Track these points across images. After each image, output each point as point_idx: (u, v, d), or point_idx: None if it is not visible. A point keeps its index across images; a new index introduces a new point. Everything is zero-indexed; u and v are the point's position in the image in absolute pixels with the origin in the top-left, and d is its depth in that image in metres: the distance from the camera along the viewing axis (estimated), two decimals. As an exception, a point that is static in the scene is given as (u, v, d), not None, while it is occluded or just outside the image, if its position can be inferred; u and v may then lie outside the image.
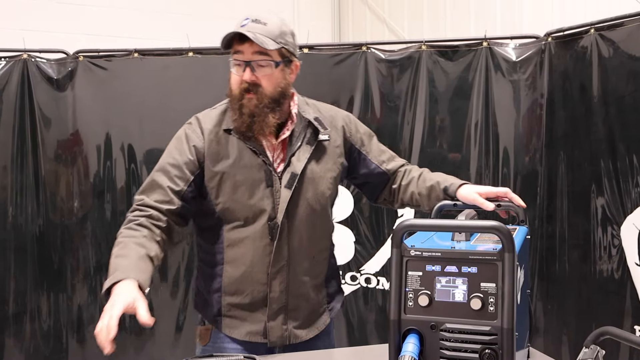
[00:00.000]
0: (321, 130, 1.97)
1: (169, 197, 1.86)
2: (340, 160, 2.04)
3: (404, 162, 2.17)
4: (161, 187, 1.87)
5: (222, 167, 1.90)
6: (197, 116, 1.99)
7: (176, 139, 1.96)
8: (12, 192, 3.47)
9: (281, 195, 1.91)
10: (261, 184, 1.90)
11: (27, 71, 3.46)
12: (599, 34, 2.82)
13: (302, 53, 3.42)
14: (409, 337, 1.39)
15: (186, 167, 1.89)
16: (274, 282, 1.93)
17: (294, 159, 1.93)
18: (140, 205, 1.86)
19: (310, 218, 1.96)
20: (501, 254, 1.35)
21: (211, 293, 2.00)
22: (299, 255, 1.96)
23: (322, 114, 2.04)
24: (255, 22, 1.85)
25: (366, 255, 3.47)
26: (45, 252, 3.52)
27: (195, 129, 1.94)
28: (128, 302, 1.56)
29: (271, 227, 1.90)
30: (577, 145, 2.98)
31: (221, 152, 1.91)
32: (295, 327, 1.98)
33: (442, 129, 3.33)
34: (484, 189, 1.92)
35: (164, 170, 1.90)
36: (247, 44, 1.83)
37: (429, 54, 3.30)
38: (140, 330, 3.44)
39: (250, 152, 1.90)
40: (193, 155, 1.90)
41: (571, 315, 3.03)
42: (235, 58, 1.87)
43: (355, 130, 2.10)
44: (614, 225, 2.78)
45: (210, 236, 1.98)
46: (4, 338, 3.49)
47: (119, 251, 1.74)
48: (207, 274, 2.02)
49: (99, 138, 3.53)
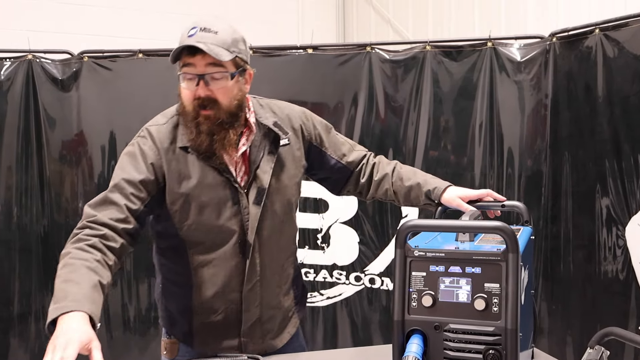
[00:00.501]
0: (282, 136, 1.87)
1: (124, 216, 1.68)
2: (302, 163, 1.96)
3: (365, 152, 2.10)
4: (116, 205, 1.69)
5: (185, 188, 1.77)
6: (149, 130, 1.81)
7: (130, 155, 1.77)
8: (17, 193, 3.48)
9: (250, 212, 1.81)
10: (227, 202, 1.79)
11: (32, 72, 3.48)
12: (604, 34, 2.82)
13: (306, 53, 3.42)
14: (413, 338, 1.39)
15: (143, 186, 1.73)
16: (247, 300, 1.87)
17: (259, 171, 1.83)
18: (92, 223, 1.65)
19: (279, 228, 1.89)
20: (505, 255, 1.35)
21: (180, 312, 1.92)
22: (271, 268, 1.90)
23: (279, 116, 1.92)
24: (205, 31, 1.69)
25: (370, 255, 3.46)
26: (50, 252, 3.52)
27: (151, 145, 1.77)
28: (83, 342, 1.38)
29: (242, 246, 1.82)
30: (581, 145, 2.98)
31: (182, 172, 1.77)
32: (270, 337, 1.95)
33: (446, 130, 3.33)
34: (466, 193, 1.91)
35: (118, 186, 1.71)
36: (199, 55, 1.68)
37: (433, 54, 3.29)
38: (144, 331, 3.44)
39: (212, 170, 1.78)
40: (152, 174, 1.74)
41: (576, 316, 3.03)
42: (186, 71, 1.71)
43: (313, 127, 2.00)
44: (618, 225, 2.77)
45: (173, 256, 1.88)
46: (8, 338, 3.50)
47: (69, 274, 1.53)
48: (173, 293, 1.93)
49: (103, 138, 3.54)
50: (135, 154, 1.77)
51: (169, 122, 1.82)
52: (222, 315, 1.87)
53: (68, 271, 1.54)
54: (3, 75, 3.45)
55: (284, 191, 1.88)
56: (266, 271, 1.88)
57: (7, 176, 3.47)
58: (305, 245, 3.51)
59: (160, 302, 2.01)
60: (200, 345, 1.90)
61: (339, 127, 3.40)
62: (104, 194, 1.71)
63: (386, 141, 3.40)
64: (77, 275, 1.53)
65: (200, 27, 1.70)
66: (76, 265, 1.55)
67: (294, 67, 3.45)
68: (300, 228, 3.49)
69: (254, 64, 1.84)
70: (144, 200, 1.73)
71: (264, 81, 3.36)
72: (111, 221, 1.66)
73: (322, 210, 3.49)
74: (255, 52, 3.41)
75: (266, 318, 1.92)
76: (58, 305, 1.45)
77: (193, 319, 1.89)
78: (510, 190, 3.22)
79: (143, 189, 1.73)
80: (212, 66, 1.70)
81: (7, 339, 3.50)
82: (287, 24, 6.86)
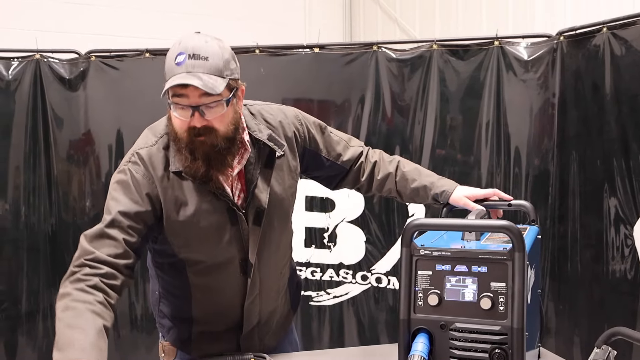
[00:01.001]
0: (277, 151, 1.79)
1: (123, 250, 1.60)
2: (297, 171, 1.91)
3: (362, 149, 2.05)
4: (114, 239, 1.59)
5: (183, 216, 1.69)
6: (140, 155, 1.70)
7: (123, 185, 1.67)
8: (24, 192, 3.49)
9: (250, 233, 1.76)
10: (226, 225, 1.73)
11: (39, 71, 3.49)
12: (612, 32, 2.80)
13: (313, 53, 3.42)
14: (419, 337, 1.39)
15: (140, 218, 1.64)
16: (248, 311, 1.86)
17: (256, 191, 1.76)
18: (91, 261, 1.56)
19: (277, 241, 1.86)
20: (511, 254, 1.35)
21: (179, 321, 1.91)
22: (270, 279, 1.89)
23: (272, 125, 1.84)
24: (195, 59, 1.57)
25: (377, 254, 3.46)
26: (58, 251, 3.54)
27: (145, 173, 1.68)
28: None
29: (243, 265, 1.79)
30: (589, 144, 2.96)
31: (178, 199, 1.69)
32: (268, 338, 1.96)
33: (453, 129, 3.32)
34: (473, 192, 1.90)
35: (115, 221, 1.61)
36: (191, 87, 1.56)
37: (440, 53, 3.29)
38: (151, 330, 3.45)
39: (209, 193, 1.70)
40: (148, 205, 1.65)
41: (583, 316, 3.01)
42: (178, 102, 1.60)
43: (307, 131, 1.93)
44: (626, 225, 2.76)
45: (171, 271, 1.84)
46: (16, 336, 3.51)
47: (73, 320, 1.45)
48: (172, 303, 1.91)
49: (110, 138, 3.55)
50: (129, 183, 1.67)
51: (159, 142, 1.72)
52: (222, 325, 1.87)
53: (71, 315, 1.47)
54: (11, 75, 3.46)
55: (281, 205, 1.84)
56: (266, 283, 1.87)
57: (15, 175, 3.49)
58: (312, 245, 3.51)
59: (156, 309, 1.98)
60: (198, 351, 1.89)
61: (345, 126, 3.40)
62: (101, 228, 1.61)
63: (393, 140, 3.39)
64: (81, 321, 1.45)
65: (189, 54, 1.57)
66: (79, 309, 1.48)
67: (300, 66, 3.44)
68: (306, 227, 3.51)
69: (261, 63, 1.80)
70: (141, 232, 1.65)
71: (270, 80, 3.39)
72: (110, 258, 1.58)
73: (328, 209, 3.48)
74: (261, 51, 3.42)
75: (264, 322, 1.93)
76: (63, 355, 1.39)
77: (192, 328, 1.88)
78: (517, 189, 3.21)
79: (140, 220, 1.64)
80: (206, 96, 1.58)
81: (15, 337, 3.51)
82: (294, 23, 6.86)
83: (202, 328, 1.88)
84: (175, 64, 1.59)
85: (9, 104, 3.46)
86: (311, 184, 2.12)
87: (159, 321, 1.99)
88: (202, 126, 1.61)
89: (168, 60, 1.62)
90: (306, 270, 3.50)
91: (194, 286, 1.81)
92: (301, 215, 3.45)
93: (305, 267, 3.50)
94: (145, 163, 1.69)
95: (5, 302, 3.50)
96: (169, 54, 1.63)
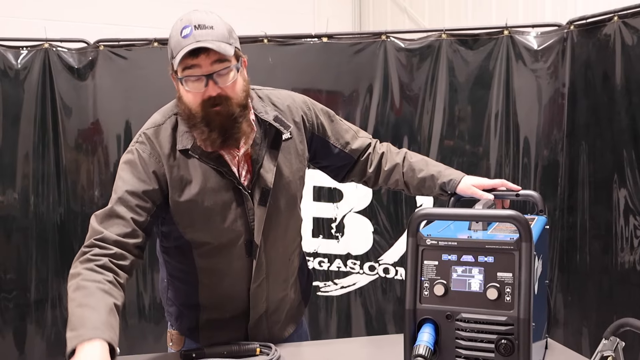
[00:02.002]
0: (283, 131, 1.80)
1: (132, 229, 1.62)
2: (305, 155, 1.91)
3: (370, 140, 2.06)
4: (122, 218, 1.62)
5: (188, 195, 1.71)
6: (147, 135, 1.73)
7: (130, 164, 1.70)
8: (33, 181, 3.51)
9: (256, 213, 1.76)
10: (232, 204, 1.74)
11: (48, 61, 3.50)
12: (623, 21, 2.78)
13: (321, 42, 3.41)
14: (425, 327, 1.38)
15: (147, 196, 1.67)
16: (255, 297, 1.85)
17: (262, 171, 1.77)
18: (100, 241, 1.59)
19: (284, 225, 1.86)
20: (518, 244, 1.34)
21: (186, 308, 1.91)
22: (277, 264, 1.88)
23: (279, 108, 1.85)
24: (201, 29, 1.60)
25: (385, 245, 3.46)
26: (66, 240, 3.56)
27: (152, 151, 1.71)
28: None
29: (248, 246, 1.79)
30: (599, 135, 2.94)
31: (184, 178, 1.71)
32: (277, 328, 1.95)
33: (461, 119, 3.30)
34: (480, 181, 1.89)
35: (123, 199, 1.64)
36: (202, 55, 1.60)
37: (449, 42, 3.26)
38: (159, 319, 3.46)
39: (214, 172, 1.72)
40: (155, 183, 1.68)
41: (592, 307, 3.00)
42: (191, 74, 1.63)
43: (315, 117, 1.94)
44: (636, 216, 2.74)
45: (178, 255, 1.85)
46: (26, 325, 3.54)
47: (83, 299, 1.48)
48: (179, 289, 1.92)
49: (119, 127, 3.55)
50: (136, 162, 1.70)
51: (167, 122, 1.75)
52: (229, 312, 1.87)
53: (82, 295, 1.49)
54: (20, 64, 3.47)
55: (288, 187, 1.84)
56: (273, 268, 1.86)
57: (24, 164, 3.50)
58: (320, 235, 3.51)
59: (164, 297, 1.99)
60: (206, 339, 1.89)
61: (353, 116, 3.39)
62: (109, 208, 1.64)
63: (401, 130, 3.38)
64: (92, 300, 1.47)
65: (194, 25, 1.60)
66: (90, 288, 1.50)
67: (308, 56, 3.43)
68: (314, 217, 3.51)
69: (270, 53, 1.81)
70: (150, 211, 1.67)
71: (279, 70, 3.39)
72: (120, 237, 1.60)
73: (336, 199, 3.48)
74: (270, 40, 3.40)
75: (272, 310, 1.92)
76: (76, 333, 1.40)
77: (200, 315, 1.88)
78: (526, 180, 3.19)
79: (148, 199, 1.67)
80: (218, 63, 1.62)
81: (24, 326, 3.54)
82: (304, 12, 6.84)
83: (210, 315, 1.88)
84: (181, 37, 1.61)
85: (18, 93, 3.47)
86: (319, 174, 2.11)
87: (167, 309, 2.00)
88: (217, 94, 1.64)
89: (173, 36, 1.64)
90: (314, 260, 3.50)
91: (200, 269, 1.82)
92: (309, 205, 3.45)
93: (312, 257, 3.50)
94: (152, 142, 1.72)
95: (15, 290, 3.52)
96: (172, 32, 1.65)
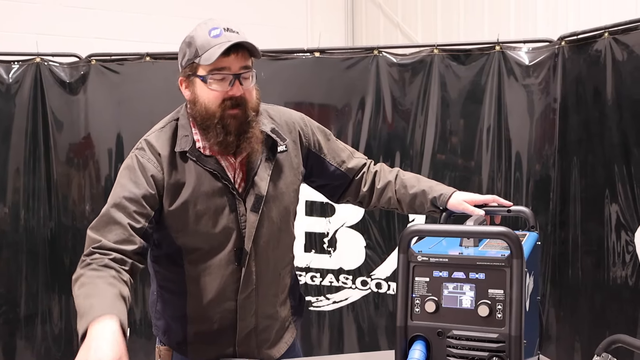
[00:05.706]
0: (279, 143, 1.83)
1: (130, 236, 1.62)
2: (300, 170, 1.92)
3: (365, 160, 2.07)
4: (120, 225, 1.62)
5: (182, 197, 1.72)
6: (148, 140, 1.77)
7: (129, 169, 1.72)
8: (24, 195, 3.50)
9: (247, 220, 1.77)
10: (224, 209, 1.75)
11: (39, 75, 3.50)
12: (613, 37, 2.79)
13: (314, 57, 3.41)
14: (416, 344, 1.37)
15: (146, 201, 1.67)
16: (242, 308, 1.83)
17: (256, 178, 1.78)
18: (98, 249, 1.58)
19: (276, 236, 1.85)
20: (509, 260, 1.33)
21: (174, 320, 1.89)
22: (267, 276, 1.86)
23: (277, 122, 1.88)
24: (230, 32, 1.68)
25: (377, 260, 3.45)
26: (57, 255, 3.54)
27: (150, 156, 1.73)
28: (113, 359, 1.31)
29: (238, 253, 1.78)
30: (590, 150, 2.95)
31: (179, 181, 1.73)
32: (267, 348, 1.92)
33: (453, 134, 3.31)
34: (472, 197, 1.89)
35: (120, 205, 1.64)
36: (233, 55, 1.67)
37: (441, 57, 3.28)
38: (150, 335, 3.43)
39: (209, 175, 1.74)
40: (153, 188, 1.69)
41: (584, 323, 3.00)
42: (220, 73, 1.69)
43: (312, 134, 1.96)
44: (628, 231, 2.75)
45: (168, 263, 1.84)
46: (15, 340, 3.51)
47: (89, 291, 1.48)
48: (168, 301, 1.90)
49: (110, 141, 3.55)
50: (134, 167, 1.72)
51: (167, 127, 1.79)
52: (217, 324, 1.84)
53: (87, 289, 1.49)
54: (11, 78, 3.47)
55: (281, 198, 1.85)
56: (262, 280, 1.85)
57: (15, 178, 3.49)
58: (312, 249, 3.50)
59: (154, 310, 1.98)
60: (194, 354, 1.87)
61: (345, 131, 3.39)
62: (106, 215, 1.64)
63: (393, 145, 3.38)
64: (97, 290, 1.47)
65: (224, 28, 1.69)
66: (94, 282, 1.50)
67: (301, 70, 3.44)
68: (306, 232, 3.50)
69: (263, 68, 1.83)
70: (148, 217, 1.67)
71: (272, 84, 3.38)
72: (117, 245, 1.59)
73: (328, 214, 3.47)
74: (263, 55, 3.40)
75: (262, 328, 1.89)
76: (85, 319, 1.38)
77: (187, 328, 1.86)
78: (518, 195, 3.20)
79: (146, 204, 1.67)
80: (244, 67, 1.71)
81: (13, 341, 3.51)
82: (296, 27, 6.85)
83: (198, 327, 1.86)
84: (212, 37, 1.67)
85: (10, 107, 3.48)
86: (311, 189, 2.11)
87: (155, 323, 1.98)
88: (239, 95, 1.69)
89: (200, 37, 1.69)
90: (306, 275, 3.49)
91: (189, 278, 1.81)
92: (301, 219, 3.43)
93: (305, 272, 3.49)
94: (152, 147, 1.75)
95: (4, 305, 3.50)
96: (199, 32, 1.71)
